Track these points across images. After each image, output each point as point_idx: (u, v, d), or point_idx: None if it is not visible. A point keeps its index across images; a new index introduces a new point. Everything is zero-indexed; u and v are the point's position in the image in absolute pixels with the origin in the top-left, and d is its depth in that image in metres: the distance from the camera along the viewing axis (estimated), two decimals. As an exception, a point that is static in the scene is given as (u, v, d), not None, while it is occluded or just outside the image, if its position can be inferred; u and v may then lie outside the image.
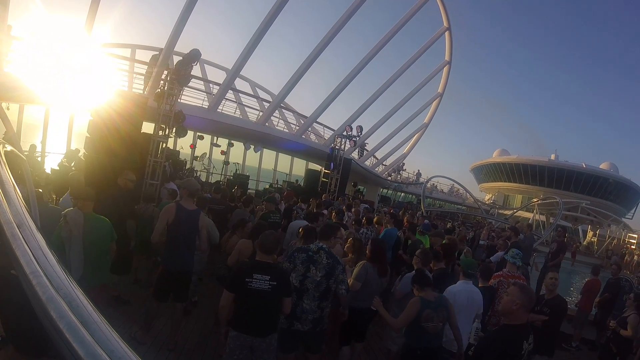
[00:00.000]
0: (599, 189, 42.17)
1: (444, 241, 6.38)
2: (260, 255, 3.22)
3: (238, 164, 20.52)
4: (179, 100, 10.36)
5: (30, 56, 10.20)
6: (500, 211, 37.16)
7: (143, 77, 14.06)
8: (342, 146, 16.34)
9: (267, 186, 18.34)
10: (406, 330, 3.60)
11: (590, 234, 32.43)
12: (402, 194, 35.87)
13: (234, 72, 15.17)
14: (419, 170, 34.05)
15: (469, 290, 3.97)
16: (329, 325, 3.92)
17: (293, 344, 3.56)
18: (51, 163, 12.68)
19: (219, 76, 23.16)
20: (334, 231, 4.16)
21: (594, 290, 7.31)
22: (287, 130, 19.69)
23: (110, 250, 3.91)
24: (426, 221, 10.33)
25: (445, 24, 22.97)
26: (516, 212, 32.40)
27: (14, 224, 0.97)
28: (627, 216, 44.07)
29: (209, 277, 6.12)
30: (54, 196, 9.82)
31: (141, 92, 13.49)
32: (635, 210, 46.72)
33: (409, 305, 3.55)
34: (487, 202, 44.92)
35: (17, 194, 1.14)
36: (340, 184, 15.26)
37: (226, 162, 19.90)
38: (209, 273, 6.11)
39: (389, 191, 33.05)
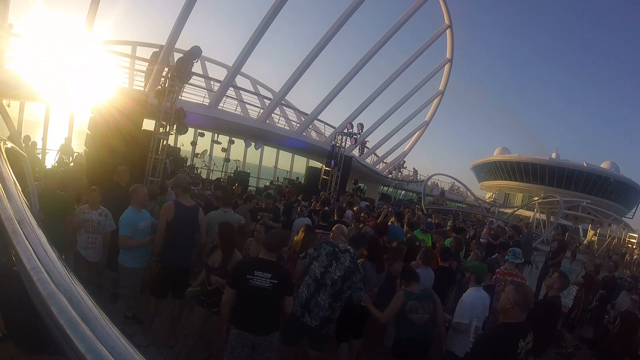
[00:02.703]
0: (600, 188, 42.12)
1: (447, 240, 6.39)
2: (264, 253, 3.20)
3: (239, 161, 20.53)
4: (179, 97, 10.36)
5: (30, 53, 10.19)
6: (500, 209, 37.16)
7: (144, 75, 14.05)
8: (343, 144, 16.32)
9: (268, 183, 18.35)
10: (395, 323, 3.73)
11: (590, 233, 32.42)
12: (403, 191, 35.87)
13: (235, 69, 15.15)
14: (414, 168, 34.06)
15: (482, 297, 4.00)
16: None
17: (297, 337, 3.57)
18: (52, 160, 12.71)
19: (219, 73, 23.16)
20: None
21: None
22: (287, 128, 19.67)
23: (68, 223, 4.34)
24: (429, 220, 10.32)
25: (446, 21, 22.90)
26: (517, 210, 32.39)
27: (15, 220, 0.97)
28: (627, 215, 43.98)
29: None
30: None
31: (142, 89, 13.48)
32: (635, 210, 46.69)
33: (394, 298, 3.67)
34: (487, 201, 44.94)
35: (18, 190, 1.14)
36: (340, 181, 15.26)
37: (227, 160, 19.91)
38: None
39: (390, 189, 33.04)
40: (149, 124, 8.85)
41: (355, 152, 21.10)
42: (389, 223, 7.56)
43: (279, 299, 3.14)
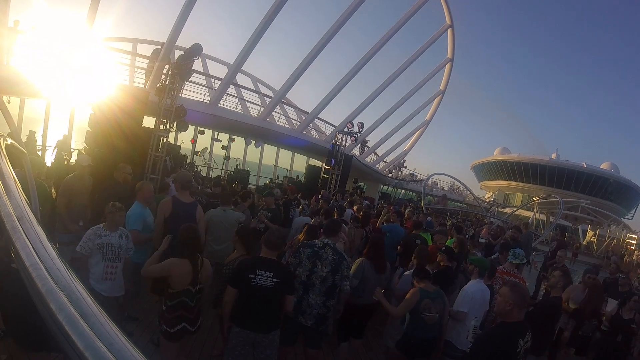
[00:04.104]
0: (600, 189, 42.14)
1: (450, 239, 6.38)
2: (265, 252, 3.20)
3: (239, 159, 20.52)
4: (180, 94, 10.34)
5: (31, 50, 10.19)
6: (500, 209, 37.18)
7: (144, 72, 14.04)
8: (343, 142, 16.32)
9: (268, 181, 18.33)
10: (405, 319, 3.74)
11: (590, 233, 32.46)
12: (403, 190, 35.89)
13: (236, 67, 15.16)
14: (409, 172, 34.22)
15: (483, 290, 4.00)
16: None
17: (292, 337, 3.57)
18: (50, 157, 12.70)
19: (220, 71, 23.18)
20: (339, 227, 4.12)
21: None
22: (288, 126, 19.68)
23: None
24: (429, 219, 10.30)
25: (447, 21, 22.88)
26: (516, 210, 32.41)
27: (14, 216, 0.97)
28: (627, 216, 44.09)
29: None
30: (54, 191, 9.81)
31: (142, 86, 13.48)
32: (635, 211, 46.74)
33: (409, 294, 3.68)
34: (487, 200, 44.96)
35: (17, 186, 1.13)
36: (340, 180, 15.25)
37: (227, 157, 19.90)
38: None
39: (390, 188, 33.06)
40: (149, 122, 8.83)
41: (356, 151, 21.11)
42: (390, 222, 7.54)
43: (281, 297, 3.14)
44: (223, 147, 19.76)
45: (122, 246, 3.64)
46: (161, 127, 8.43)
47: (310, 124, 20.52)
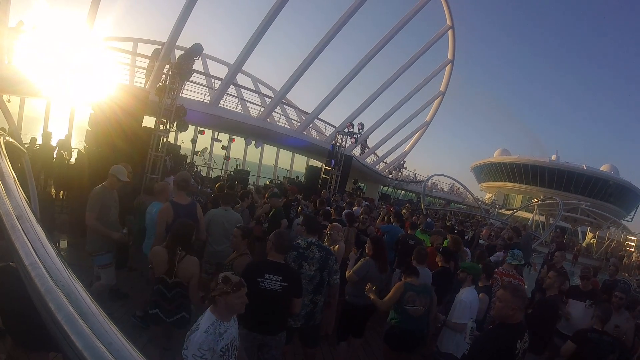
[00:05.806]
0: (599, 191, 42.16)
1: (446, 240, 6.38)
2: (273, 255, 3.17)
3: (239, 159, 20.51)
4: (180, 94, 10.33)
5: (32, 50, 10.18)
6: (500, 211, 37.18)
7: (145, 71, 14.04)
8: (343, 143, 16.31)
9: (268, 182, 18.32)
10: (391, 312, 3.84)
11: (589, 235, 32.45)
12: (402, 191, 35.89)
13: (236, 67, 15.14)
14: (414, 170, 34.35)
15: (477, 297, 4.01)
16: (329, 321, 3.94)
17: (289, 336, 3.57)
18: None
19: (220, 71, 23.17)
20: (318, 225, 4.06)
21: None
22: (288, 126, 19.66)
23: None
24: (429, 220, 10.30)
25: (448, 22, 22.87)
26: (516, 212, 32.40)
27: (14, 215, 0.97)
28: (626, 219, 44.13)
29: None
30: (54, 190, 9.79)
31: (143, 86, 13.48)
32: (634, 213, 46.79)
33: (394, 287, 3.79)
34: (487, 202, 44.96)
35: (17, 186, 1.14)
36: (340, 180, 15.25)
37: (227, 158, 19.89)
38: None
39: (389, 189, 33.04)
40: (149, 121, 8.83)
41: (356, 151, 21.11)
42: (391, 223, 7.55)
43: (289, 301, 3.13)
44: (223, 147, 19.76)
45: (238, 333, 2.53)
46: (161, 126, 8.44)
47: (311, 125, 20.50)
